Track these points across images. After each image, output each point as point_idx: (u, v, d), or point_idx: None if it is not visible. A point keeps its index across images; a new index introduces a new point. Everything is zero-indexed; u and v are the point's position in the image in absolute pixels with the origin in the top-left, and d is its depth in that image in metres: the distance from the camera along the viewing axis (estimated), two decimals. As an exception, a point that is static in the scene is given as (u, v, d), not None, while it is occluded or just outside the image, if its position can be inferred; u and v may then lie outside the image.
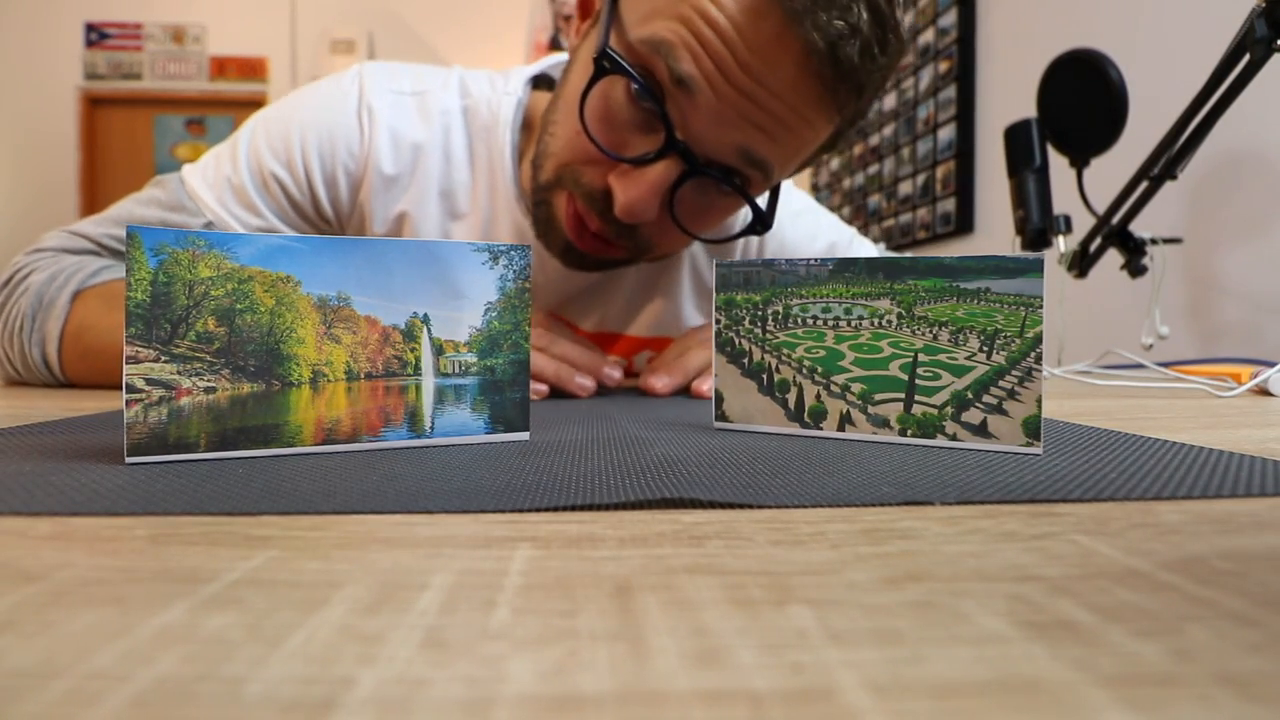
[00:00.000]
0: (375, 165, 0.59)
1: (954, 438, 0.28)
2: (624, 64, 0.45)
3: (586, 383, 0.51)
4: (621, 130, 0.48)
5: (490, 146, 0.61)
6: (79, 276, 0.54)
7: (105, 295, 0.53)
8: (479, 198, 0.61)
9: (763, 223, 0.52)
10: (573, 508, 0.19)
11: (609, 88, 0.48)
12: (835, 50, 0.43)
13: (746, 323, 0.33)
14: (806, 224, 0.73)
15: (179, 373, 0.24)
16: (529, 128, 0.62)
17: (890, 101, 2.28)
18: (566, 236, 0.54)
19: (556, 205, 0.54)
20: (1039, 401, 0.26)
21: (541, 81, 0.64)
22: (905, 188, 2.17)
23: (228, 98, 4.08)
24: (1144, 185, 0.75)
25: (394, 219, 0.60)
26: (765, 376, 0.32)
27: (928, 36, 2.05)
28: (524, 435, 0.30)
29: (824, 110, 0.47)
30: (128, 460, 0.23)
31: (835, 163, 2.71)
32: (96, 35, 3.98)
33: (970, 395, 0.28)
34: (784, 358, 0.32)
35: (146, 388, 0.24)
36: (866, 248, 0.76)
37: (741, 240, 0.70)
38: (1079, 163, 0.83)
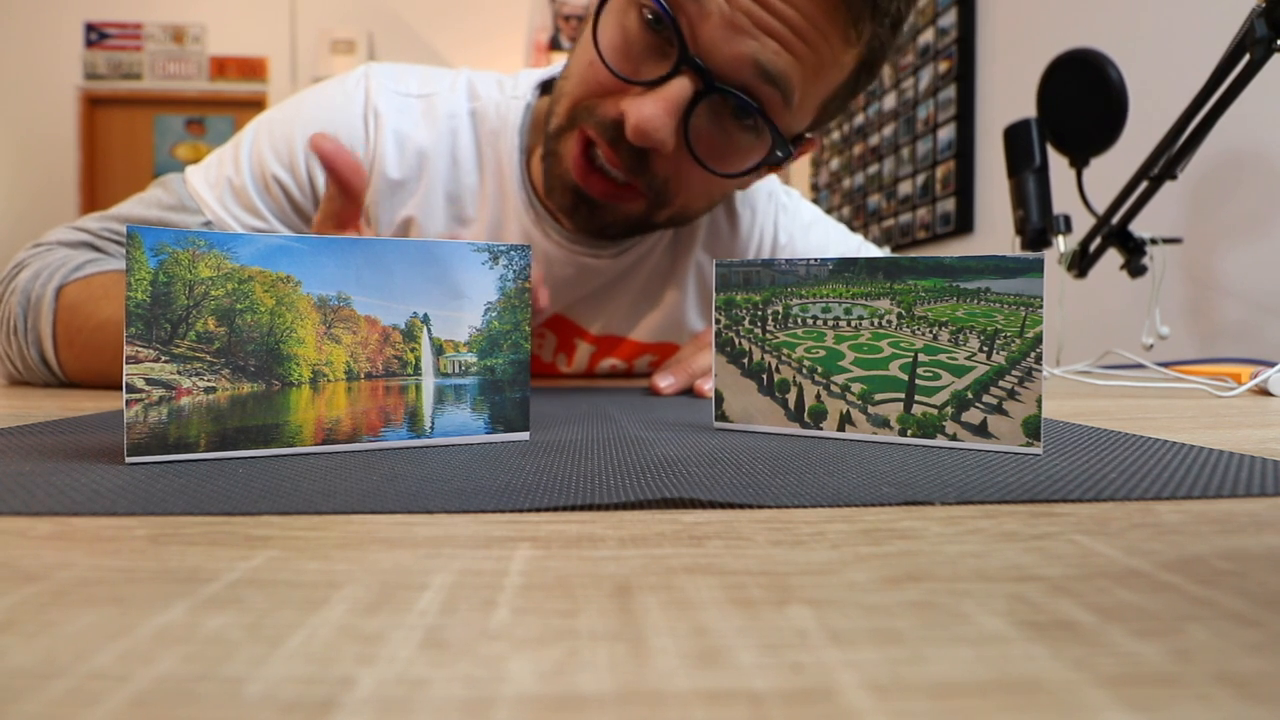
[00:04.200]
0: (380, 170, 0.58)
1: (954, 438, 0.28)
2: None
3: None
4: (636, 59, 0.48)
5: (498, 151, 0.60)
6: (62, 272, 0.53)
7: (89, 292, 0.52)
8: (487, 202, 0.61)
9: (782, 148, 0.50)
10: (573, 508, 0.19)
11: (623, 16, 0.48)
12: None
13: (746, 323, 0.33)
14: (817, 236, 0.74)
15: (179, 373, 0.24)
16: (536, 130, 0.61)
17: (890, 101, 2.28)
18: (573, 180, 0.53)
19: (565, 151, 0.53)
20: (1039, 401, 0.26)
21: (549, 87, 0.64)
22: (905, 188, 2.17)
23: (228, 98, 4.08)
24: (1144, 185, 0.75)
25: (400, 224, 0.60)
26: (765, 376, 0.32)
27: (928, 36, 2.05)
28: (524, 435, 0.30)
29: (839, 24, 0.46)
30: (128, 460, 0.23)
31: (835, 162, 2.71)
32: (96, 35, 3.98)
33: (970, 395, 0.28)
34: (784, 358, 0.32)
35: (146, 388, 0.24)
36: (873, 254, 0.77)
37: (754, 247, 0.70)
38: (1079, 163, 0.83)
